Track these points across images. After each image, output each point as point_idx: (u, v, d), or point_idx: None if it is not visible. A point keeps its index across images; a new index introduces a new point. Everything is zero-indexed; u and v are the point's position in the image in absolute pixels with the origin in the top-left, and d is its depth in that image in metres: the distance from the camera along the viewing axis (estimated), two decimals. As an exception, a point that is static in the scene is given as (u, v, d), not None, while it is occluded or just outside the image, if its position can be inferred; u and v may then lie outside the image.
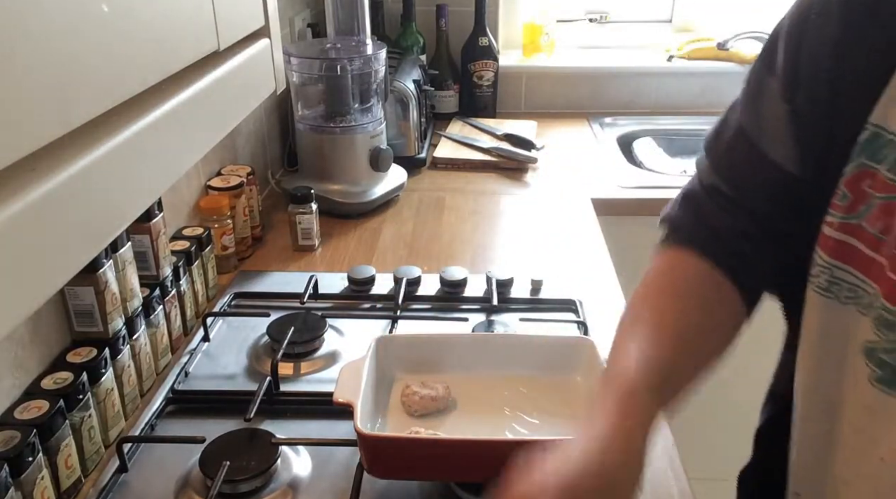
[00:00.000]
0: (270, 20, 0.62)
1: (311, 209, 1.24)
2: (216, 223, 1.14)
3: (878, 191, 0.54)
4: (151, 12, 0.42)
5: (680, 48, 2.00)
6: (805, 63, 0.60)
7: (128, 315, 0.85)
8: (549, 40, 2.03)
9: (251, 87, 0.61)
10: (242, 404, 0.83)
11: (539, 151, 1.69)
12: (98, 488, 0.76)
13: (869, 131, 0.54)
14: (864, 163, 0.54)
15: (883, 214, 0.53)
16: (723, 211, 0.67)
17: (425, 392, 0.78)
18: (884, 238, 0.54)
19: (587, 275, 1.15)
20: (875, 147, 0.54)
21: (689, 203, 0.71)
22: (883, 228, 0.54)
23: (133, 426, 0.84)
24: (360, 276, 1.12)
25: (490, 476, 0.72)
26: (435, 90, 1.81)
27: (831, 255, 0.57)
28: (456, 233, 1.34)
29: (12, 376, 0.73)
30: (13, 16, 0.30)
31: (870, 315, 0.55)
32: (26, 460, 0.66)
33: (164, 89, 0.44)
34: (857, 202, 0.55)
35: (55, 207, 0.33)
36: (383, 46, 1.40)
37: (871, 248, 0.55)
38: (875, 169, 0.54)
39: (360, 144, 1.37)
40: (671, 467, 0.81)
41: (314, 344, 0.98)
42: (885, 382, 0.54)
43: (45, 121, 0.32)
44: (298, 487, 0.77)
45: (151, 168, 0.43)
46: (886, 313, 0.53)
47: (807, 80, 0.60)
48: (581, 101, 2.01)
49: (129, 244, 0.86)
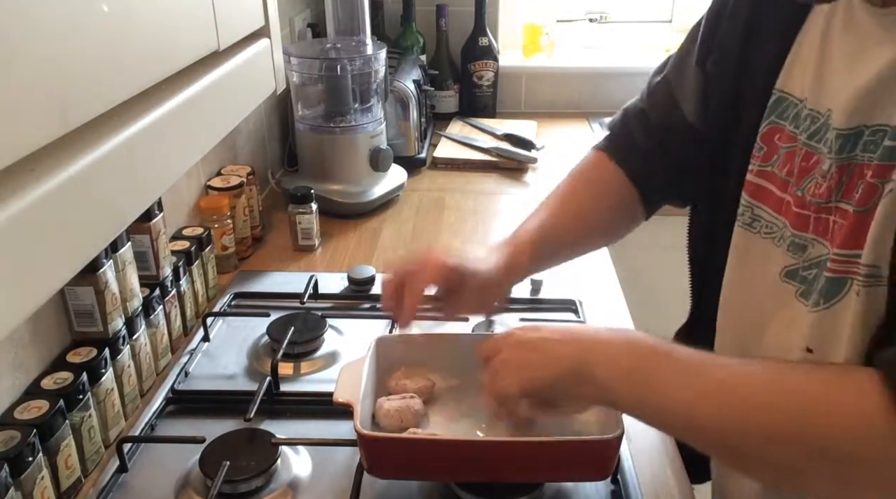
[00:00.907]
0: (270, 20, 0.63)
1: (311, 209, 1.24)
2: (216, 223, 1.14)
3: (784, 142, 0.67)
4: (151, 12, 0.42)
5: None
6: (719, 36, 0.75)
7: (128, 315, 0.85)
8: (549, 40, 2.03)
9: (251, 87, 0.61)
10: (242, 404, 0.83)
11: (539, 150, 1.69)
12: (98, 488, 0.76)
13: (776, 96, 0.68)
14: (774, 121, 0.69)
15: (788, 160, 0.67)
16: (643, 132, 0.85)
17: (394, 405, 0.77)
18: (789, 179, 0.66)
19: (587, 275, 1.15)
20: (781, 108, 0.68)
21: (625, 117, 0.89)
22: (788, 172, 0.67)
23: (133, 426, 0.84)
24: (360, 276, 1.12)
25: (490, 476, 0.73)
26: (435, 90, 1.81)
27: (751, 196, 0.70)
28: (456, 233, 1.34)
29: (12, 376, 0.73)
30: (13, 16, 0.30)
31: (783, 245, 0.67)
32: (26, 460, 0.66)
33: (164, 89, 0.44)
34: (770, 153, 0.69)
35: (55, 207, 0.33)
36: (383, 46, 1.40)
37: (780, 189, 0.68)
38: (782, 125, 0.68)
39: (360, 144, 1.37)
40: (671, 467, 0.81)
41: (314, 344, 0.98)
42: (805, 294, 0.65)
43: (45, 121, 0.32)
44: (298, 487, 0.77)
45: (151, 168, 0.43)
46: (796, 238, 0.65)
47: (718, 49, 0.75)
48: (581, 101, 2.01)
49: (129, 244, 0.86)
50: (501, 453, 0.71)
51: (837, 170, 0.61)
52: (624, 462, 0.79)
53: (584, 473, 0.73)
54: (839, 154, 0.60)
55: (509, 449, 0.71)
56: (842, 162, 0.60)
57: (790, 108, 0.67)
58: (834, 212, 0.61)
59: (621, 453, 0.78)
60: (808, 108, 0.65)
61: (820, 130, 0.63)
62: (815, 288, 0.63)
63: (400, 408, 0.76)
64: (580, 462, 0.71)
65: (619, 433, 0.68)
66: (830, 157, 0.61)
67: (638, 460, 0.81)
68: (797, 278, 0.66)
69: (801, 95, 0.66)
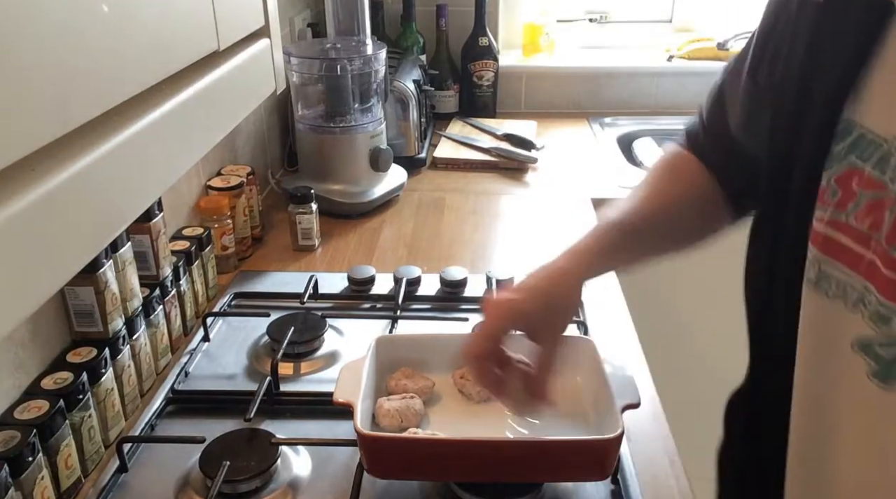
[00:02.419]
0: (270, 20, 0.62)
1: (311, 209, 1.24)
2: (216, 223, 1.14)
3: (865, 188, 0.56)
4: (151, 12, 0.42)
5: (680, 48, 2.00)
6: (771, 48, 0.68)
7: (128, 315, 0.85)
8: (549, 40, 2.03)
9: (251, 87, 0.61)
10: (242, 404, 0.83)
11: (539, 150, 1.69)
12: (98, 488, 0.76)
13: (855, 133, 0.57)
14: (853, 162, 0.57)
15: (872, 210, 0.55)
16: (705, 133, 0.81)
17: (394, 405, 0.77)
18: (872, 234, 0.55)
19: (587, 275, 1.15)
20: (861, 147, 0.56)
21: (700, 117, 0.83)
22: (871, 225, 0.55)
23: (133, 426, 0.84)
24: (360, 276, 1.12)
25: (490, 476, 0.73)
26: (435, 90, 1.81)
27: (820, 248, 0.59)
28: (456, 233, 1.34)
29: (12, 376, 0.73)
30: (13, 16, 0.30)
31: (858, 312, 0.56)
32: (26, 460, 0.66)
33: (164, 89, 0.44)
34: (845, 199, 0.57)
35: (55, 207, 0.33)
36: (383, 46, 1.40)
37: (859, 243, 0.56)
38: (861, 168, 0.56)
39: (360, 144, 1.37)
40: (671, 467, 0.81)
41: (314, 344, 0.98)
42: (881, 376, 0.55)
43: (45, 121, 0.32)
44: (298, 487, 0.77)
45: (151, 168, 0.43)
46: (882, 308, 0.54)
47: (771, 61, 0.67)
48: (581, 101, 2.01)
49: (129, 244, 0.86)
50: (501, 453, 0.71)
51: None
52: (624, 462, 0.79)
53: (584, 473, 0.73)
54: None
55: (509, 449, 0.71)
56: None
57: (873, 149, 0.55)
58: None
59: (621, 453, 0.78)
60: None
61: None
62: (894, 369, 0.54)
63: (400, 408, 0.76)
64: (580, 462, 0.71)
65: (619, 433, 0.68)
66: None
67: (638, 460, 0.81)
68: (871, 354, 0.56)
69: (887, 134, 0.54)
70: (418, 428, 0.75)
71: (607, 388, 0.74)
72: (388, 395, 0.79)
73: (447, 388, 0.82)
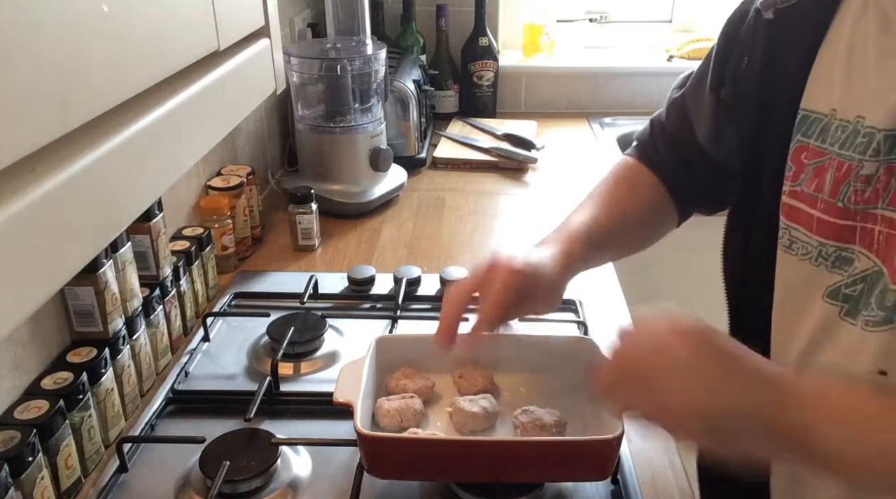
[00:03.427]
0: (270, 20, 0.62)
1: (311, 209, 1.24)
2: (216, 223, 1.14)
3: (811, 158, 0.66)
4: (151, 12, 0.42)
5: (680, 48, 2.00)
6: (732, 65, 0.75)
7: (128, 315, 0.85)
8: (549, 40, 2.03)
9: (251, 87, 0.61)
10: (242, 404, 0.83)
11: (539, 150, 1.69)
12: (98, 488, 0.76)
13: (800, 115, 0.67)
14: (799, 139, 0.67)
15: (816, 175, 0.66)
16: (665, 144, 0.87)
17: (394, 405, 0.77)
18: (817, 195, 0.65)
19: (587, 275, 1.15)
20: (805, 126, 0.67)
21: (651, 127, 0.90)
22: (816, 187, 0.65)
23: (133, 426, 0.84)
24: (360, 276, 1.12)
25: (490, 476, 0.73)
26: (435, 90, 1.81)
27: (787, 217, 0.69)
28: (456, 233, 1.34)
29: (12, 375, 0.73)
30: (13, 16, 0.30)
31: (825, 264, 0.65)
32: (26, 460, 0.66)
33: (164, 89, 0.44)
34: (798, 172, 0.67)
35: (55, 207, 0.33)
36: (383, 46, 1.40)
37: (810, 206, 0.66)
38: (806, 142, 0.67)
39: (360, 144, 1.37)
40: (671, 467, 0.81)
41: (314, 344, 0.98)
42: (850, 313, 0.62)
43: (45, 121, 0.32)
44: (298, 487, 0.77)
45: (151, 168, 0.43)
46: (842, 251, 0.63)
47: (732, 80, 0.76)
48: (581, 101, 2.01)
49: (129, 244, 0.86)
50: (501, 453, 0.71)
51: (886, 172, 0.60)
52: (624, 462, 0.79)
53: (584, 473, 0.73)
54: (888, 155, 0.59)
55: (509, 449, 0.71)
56: (892, 163, 0.59)
57: (815, 124, 0.66)
58: (880, 221, 0.60)
59: (621, 453, 0.78)
60: (837, 119, 0.64)
61: (852, 136, 0.62)
62: (861, 305, 0.61)
63: (400, 408, 0.76)
64: (580, 462, 0.71)
65: (619, 433, 0.68)
66: (878, 160, 0.60)
67: (638, 460, 0.81)
68: (839, 297, 0.64)
69: (826, 110, 0.65)
70: (418, 428, 0.75)
71: (607, 388, 0.74)
72: (388, 395, 0.79)
73: (447, 388, 0.82)
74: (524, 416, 0.75)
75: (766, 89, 0.72)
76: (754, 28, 0.73)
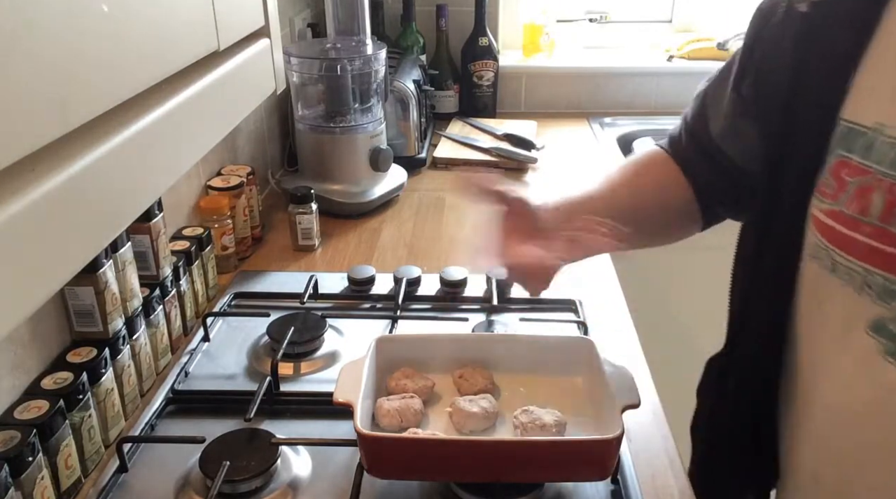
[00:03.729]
0: (270, 20, 0.62)
1: (311, 209, 1.24)
2: (216, 223, 1.14)
3: (853, 176, 0.60)
4: (151, 12, 0.42)
5: (680, 48, 2.00)
6: (756, 59, 0.72)
7: (128, 315, 0.85)
8: (549, 40, 2.03)
9: (251, 87, 0.61)
10: (242, 404, 0.83)
11: (539, 150, 1.69)
12: (98, 488, 0.76)
13: (842, 126, 0.61)
14: (841, 154, 0.62)
15: (859, 196, 0.60)
16: (688, 134, 0.83)
17: (394, 405, 0.77)
18: (861, 218, 0.59)
19: (587, 275, 1.15)
20: (849, 140, 0.61)
21: (685, 123, 0.85)
22: (860, 210, 0.60)
23: (133, 426, 0.84)
24: (360, 276, 1.12)
25: (490, 476, 0.73)
26: (435, 90, 1.81)
27: (828, 239, 0.63)
28: (456, 233, 1.34)
29: (12, 375, 0.73)
30: (13, 16, 0.30)
31: (865, 295, 0.60)
32: (26, 460, 0.66)
33: (164, 89, 0.44)
34: (839, 190, 0.62)
35: (55, 207, 0.33)
36: (383, 46, 1.40)
37: (850, 229, 0.61)
38: (848, 158, 0.61)
39: (360, 144, 1.37)
40: (671, 466, 0.81)
41: (314, 344, 0.98)
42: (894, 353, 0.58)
43: (44, 121, 0.32)
44: (298, 487, 0.77)
45: (151, 168, 0.43)
46: (889, 283, 0.58)
47: (755, 72, 0.72)
48: (581, 101, 2.01)
49: (129, 244, 0.86)
50: (501, 453, 0.71)
51: None
52: (624, 462, 0.79)
53: (584, 473, 0.73)
54: None
55: (509, 449, 0.71)
56: None
57: (858, 138, 0.60)
58: None
59: (621, 453, 0.78)
60: (884, 134, 0.58)
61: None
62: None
63: (400, 408, 0.76)
64: (580, 462, 0.71)
65: (619, 433, 0.68)
66: None
67: (638, 460, 0.81)
68: (884, 333, 0.59)
69: (871, 123, 0.59)
70: (418, 428, 0.75)
71: (607, 388, 0.74)
72: (388, 395, 0.79)
73: (447, 388, 0.82)
74: (524, 416, 0.75)
75: (794, 91, 0.66)
76: (784, 21, 0.67)
